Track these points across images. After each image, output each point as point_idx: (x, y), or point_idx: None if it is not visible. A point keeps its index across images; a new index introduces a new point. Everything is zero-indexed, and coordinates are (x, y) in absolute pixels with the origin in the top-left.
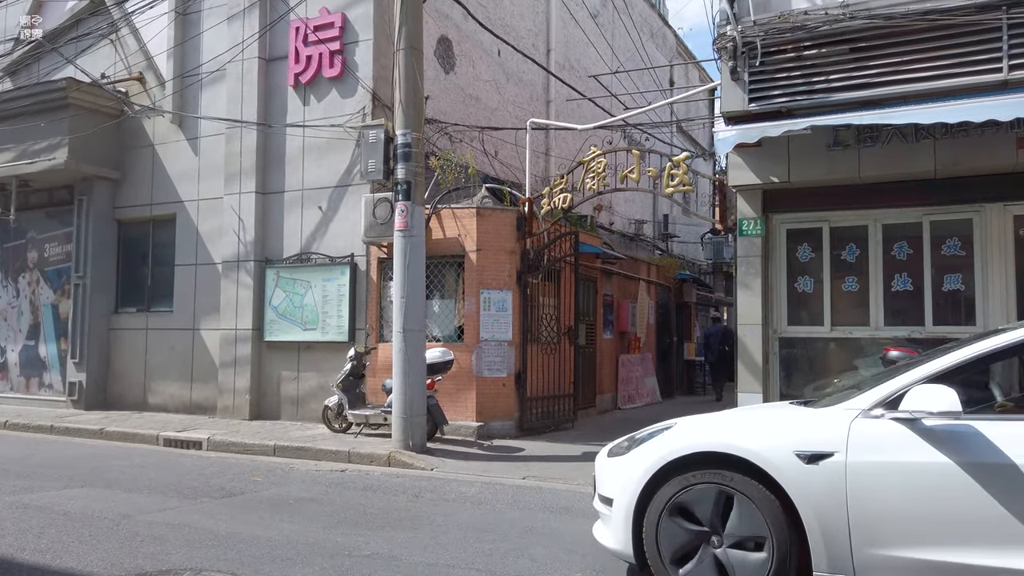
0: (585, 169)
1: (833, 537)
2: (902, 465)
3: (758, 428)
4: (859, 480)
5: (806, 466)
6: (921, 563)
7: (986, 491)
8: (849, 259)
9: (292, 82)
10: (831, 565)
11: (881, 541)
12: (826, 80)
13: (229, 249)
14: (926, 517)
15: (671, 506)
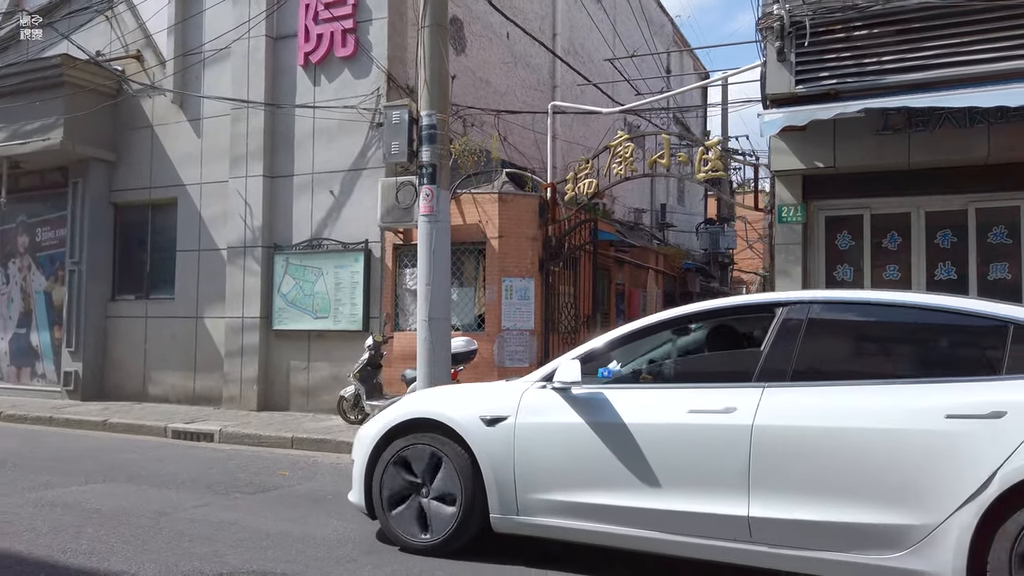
0: (612, 154)
1: (504, 485)
2: (552, 425)
3: (460, 398)
4: (522, 438)
5: (487, 428)
6: (564, 504)
7: (605, 445)
8: (891, 247)
9: (302, 61)
10: (502, 508)
11: (536, 487)
12: (878, 62)
13: (235, 235)
14: (566, 466)
15: (395, 459)
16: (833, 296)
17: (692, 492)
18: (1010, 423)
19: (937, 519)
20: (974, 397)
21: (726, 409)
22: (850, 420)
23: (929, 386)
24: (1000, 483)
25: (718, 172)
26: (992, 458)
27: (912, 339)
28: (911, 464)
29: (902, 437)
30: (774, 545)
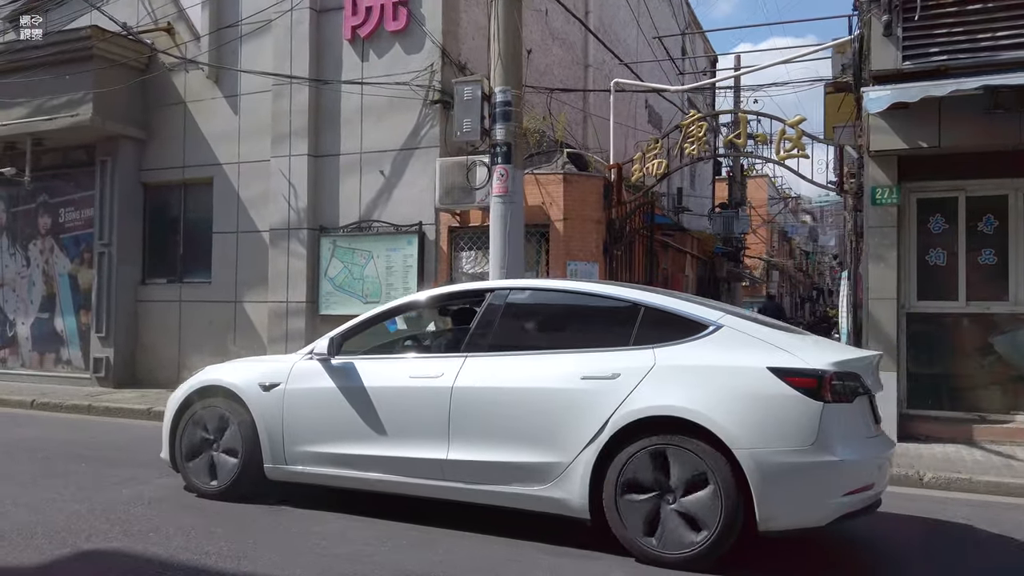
0: (683, 134)
1: (275, 440)
2: (313, 389)
3: (246, 368)
4: (290, 401)
5: (264, 393)
6: (320, 454)
7: (350, 404)
8: (986, 231)
9: (348, 35)
10: (274, 459)
11: (300, 441)
12: (992, 38)
13: (278, 216)
14: (322, 423)
15: (193, 419)
16: (522, 283)
17: (410, 441)
18: (622, 382)
19: (570, 457)
20: (603, 363)
21: (436, 374)
22: (519, 382)
23: (576, 354)
24: (611, 428)
25: (802, 153)
26: (608, 409)
27: (571, 317)
28: (556, 415)
29: (551, 394)
30: (463, 482)
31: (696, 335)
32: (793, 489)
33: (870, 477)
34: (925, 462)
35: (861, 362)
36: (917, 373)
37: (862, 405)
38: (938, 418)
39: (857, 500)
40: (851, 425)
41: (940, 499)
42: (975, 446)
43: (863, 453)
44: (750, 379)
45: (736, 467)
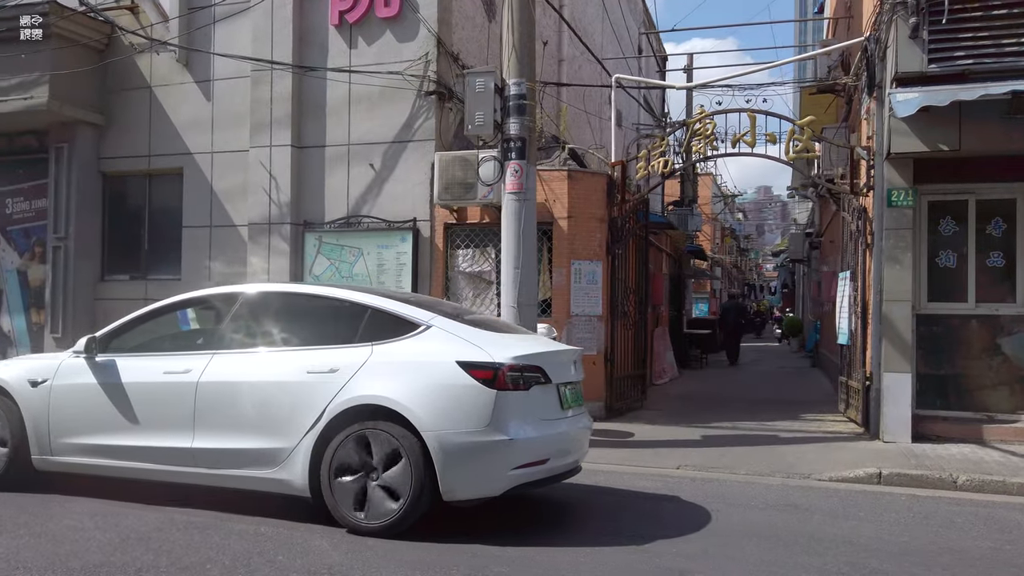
0: (690, 131)
1: (41, 432)
2: (77, 384)
3: (18, 366)
4: (56, 395)
5: (32, 388)
6: (83, 445)
7: (109, 399)
8: (995, 234)
9: (335, 20)
10: (40, 450)
11: (64, 433)
12: (1018, 43)
13: (257, 210)
14: (84, 415)
15: None
16: (267, 287)
17: (162, 432)
18: (339, 376)
19: (294, 443)
20: (326, 359)
21: (186, 370)
22: (254, 376)
23: (306, 351)
24: (327, 416)
25: (812, 152)
26: (325, 400)
27: (307, 318)
28: (283, 406)
29: (280, 387)
30: (208, 467)
31: (409, 333)
32: (469, 464)
33: (544, 453)
34: (955, 464)
35: (550, 356)
36: (927, 374)
37: (545, 393)
38: (947, 418)
39: (530, 473)
40: (526, 409)
41: (981, 502)
42: (986, 446)
43: (537, 432)
44: (441, 371)
45: (425, 447)
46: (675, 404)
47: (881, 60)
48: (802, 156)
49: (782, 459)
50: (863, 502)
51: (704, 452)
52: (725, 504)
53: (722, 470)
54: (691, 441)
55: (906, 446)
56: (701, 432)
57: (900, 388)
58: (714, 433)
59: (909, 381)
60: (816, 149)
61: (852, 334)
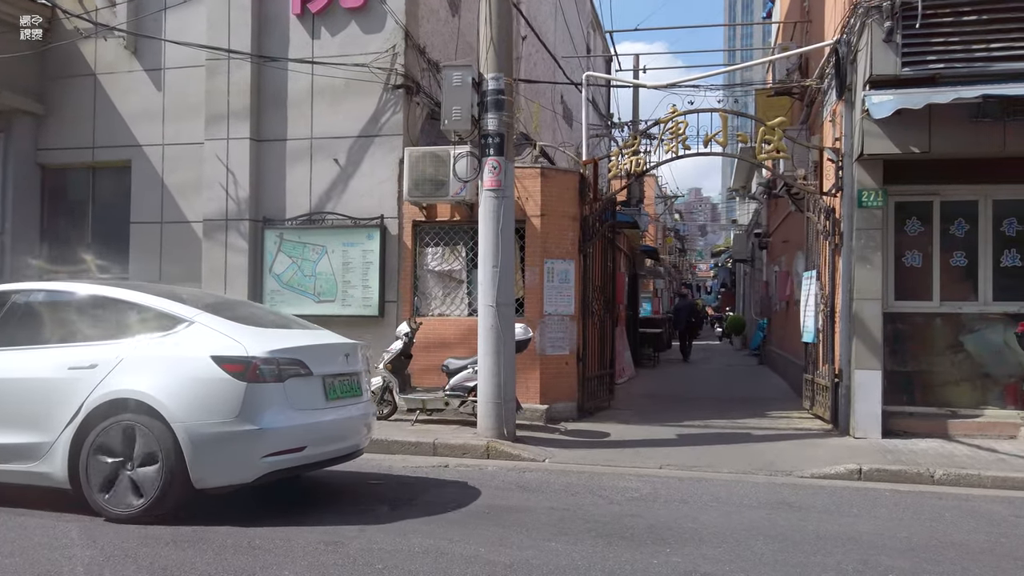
0: (661, 130)
1: None
2: None
3: None
4: None
5: None
6: None
7: None
8: (958, 234)
9: (297, 10)
10: None
11: None
12: (986, 48)
13: (213, 205)
14: None
15: None
16: (38, 286)
17: None
18: (98, 372)
19: (54, 437)
20: (87, 354)
21: None
22: (19, 373)
23: (68, 348)
24: (85, 410)
25: (782, 153)
26: (84, 394)
27: (71, 315)
28: (45, 401)
29: (42, 383)
30: None
31: (172, 329)
32: (218, 454)
33: (300, 441)
34: (928, 459)
35: (313, 350)
36: (894, 371)
37: (305, 384)
38: (913, 414)
39: (284, 460)
40: (280, 400)
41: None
42: (952, 441)
43: (291, 422)
44: (195, 366)
45: (176, 438)
46: (642, 403)
47: (852, 63)
48: (773, 157)
49: (761, 457)
50: (852, 499)
51: (684, 451)
52: (721, 504)
53: (706, 469)
54: (668, 440)
55: (877, 442)
56: (675, 431)
57: (870, 385)
58: (688, 432)
59: (879, 378)
60: (786, 150)
61: (819, 332)
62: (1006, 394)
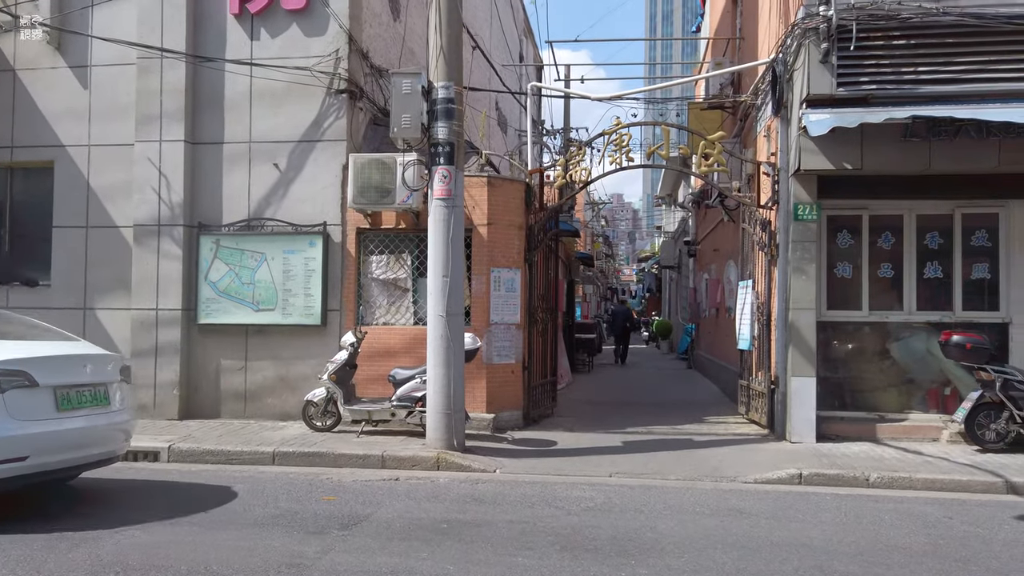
0: (606, 142)
1: None
2: None
3: None
4: None
5: None
6: None
7: None
8: (885, 246)
9: (235, 10)
10: None
11: None
12: (914, 72)
13: (145, 210)
14: None
15: None
16: None
17: None
18: None
19: None
20: None
21: None
22: None
23: None
24: None
25: (722, 167)
26: None
27: None
28: None
29: None
30: None
31: None
32: None
33: (21, 451)
34: (862, 463)
35: (42, 361)
36: (826, 377)
37: (30, 395)
38: (844, 418)
39: (3, 470)
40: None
41: (895, 498)
42: (881, 444)
43: (8, 432)
44: None
45: None
46: (584, 410)
47: (789, 81)
48: (714, 170)
49: (706, 463)
50: (796, 504)
51: (631, 459)
52: (675, 512)
53: (654, 476)
54: (614, 448)
55: (813, 446)
56: (620, 438)
57: (806, 391)
58: (633, 439)
59: (813, 385)
60: (725, 163)
61: (755, 340)
62: (929, 399)
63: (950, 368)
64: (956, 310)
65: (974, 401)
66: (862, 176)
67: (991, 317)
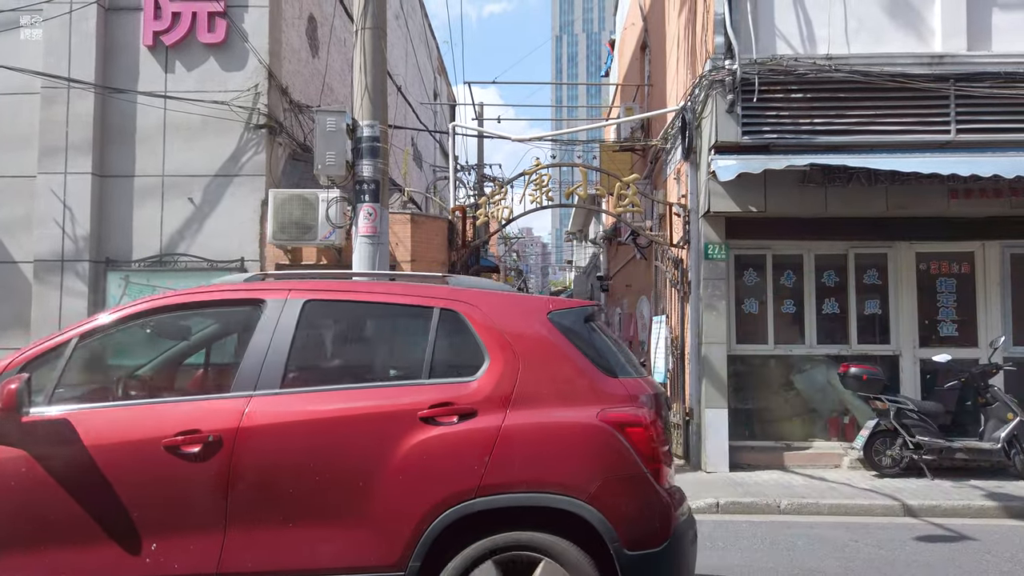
0: (527, 181)
1: None
2: None
3: None
4: None
5: None
6: None
7: None
8: (788, 284)
9: (149, 41)
10: None
11: None
12: (810, 123)
13: (47, 244)
14: None
15: None
16: None
17: None
18: None
19: None
20: None
21: None
22: None
23: None
24: None
25: (637, 208)
26: None
27: None
28: None
29: None
30: None
31: None
32: None
33: None
34: (773, 491)
35: None
36: (737, 408)
37: None
38: (754, 448)
39: None
40: None
41: (805, 524)
42: (788, 471)
43: None
44: None
45: None
46: None
47: (697, 128)
48: (628, 210)
49: None
50: (715, 532)
51: None
52: None
53: None
54: None
55: (727, 475)
56: None
57: (719, 422)
58: None
59: (726, 416)
60: (640, 204)
61: (669, 373)
62: (830, 427)
63: (849, 398)
64: (852, 343)
65: (871, 429)
66: (766, 218)
67: (883, 350)
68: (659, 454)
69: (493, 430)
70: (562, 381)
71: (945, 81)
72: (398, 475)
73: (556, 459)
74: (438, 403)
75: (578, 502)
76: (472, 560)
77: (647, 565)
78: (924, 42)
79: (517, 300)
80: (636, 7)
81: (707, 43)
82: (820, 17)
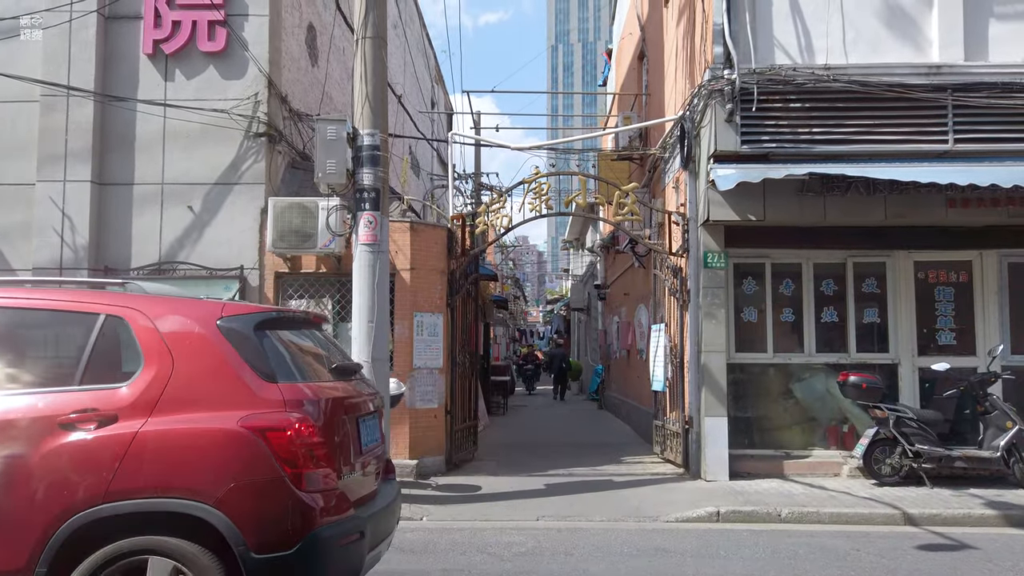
0: (526, 190)
1: None
2: None
3: None
4: None
5: None
6: None
7: None
8: (786, 293)
9: (149, 49)
10: None
11: None
12: (809, 132)
13: (45, 253)
14: None
15: None
16: None
17: None
18: None
19: None
20: None
21: None
22: None
23: None
24: None
25: (636, 216)
26: None
27: None
28: None
29: None
30: None
31: None
32: None
33: None
34: (773, 499)
35: None
36: (736, 417)
37: None
38: (754, 456)
39: None
40: None
41: (806, 532)
42: (788, 480)
43: None
44: None
45: None
46: (504, 453)
47: (696, 138)
48: (627, 218)
49: (627, 503)
50: (717, 541)
51: (555, 501)
52: (604, 554)
53: (579, 518)
54: (538, 491)
55: (726, 484)
56: (543, 481)
57: (718, 431)
58: (555, 481)
59: (725, 424)
60: (639, 212)
61: (667, 382)
62: (829, 436)
63: (848, 407)
64: (851, 352)
65: (870, 438)
66: (765, 227)
67: (882, 358)
68: (303, 458)
69: (128, 436)
70: (215, 386)
71: (943, 91)
72: (28, 481)
73: (187, 464)
74: (81, 410)
75: (203, 506)
76: (97, 565)
77: (275, 568)
78: (922, 52)
79: (188, 305)
80: (634, 17)
81: (706, 53)
82: (818, 27)
